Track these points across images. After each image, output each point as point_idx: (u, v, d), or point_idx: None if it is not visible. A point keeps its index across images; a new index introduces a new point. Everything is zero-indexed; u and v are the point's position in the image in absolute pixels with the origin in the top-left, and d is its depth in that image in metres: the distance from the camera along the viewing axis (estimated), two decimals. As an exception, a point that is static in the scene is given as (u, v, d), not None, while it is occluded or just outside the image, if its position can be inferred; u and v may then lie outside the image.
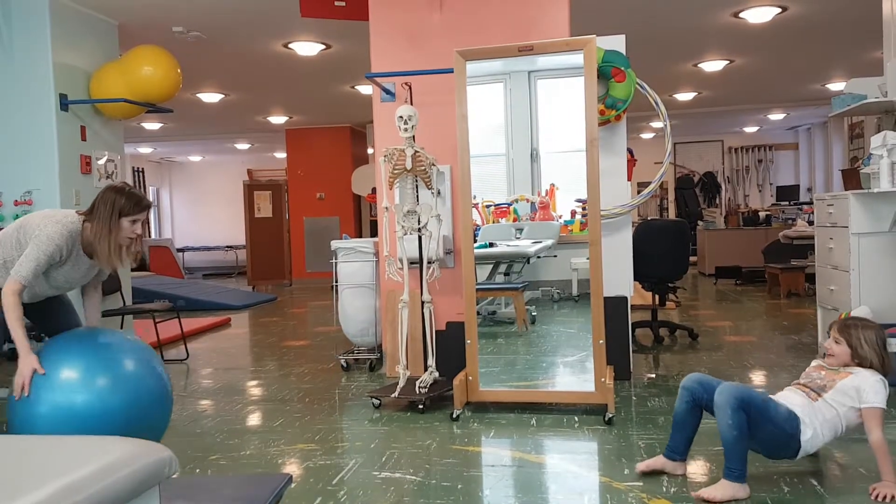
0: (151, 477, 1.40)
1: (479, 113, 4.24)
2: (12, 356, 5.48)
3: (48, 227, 3.11)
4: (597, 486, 2.93)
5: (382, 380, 4.96)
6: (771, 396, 2.83)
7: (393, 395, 4.13)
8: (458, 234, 4.43)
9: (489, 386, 4.13)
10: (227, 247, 16.60)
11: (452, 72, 4.07)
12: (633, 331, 5.58)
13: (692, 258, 10.86)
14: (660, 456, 3.00)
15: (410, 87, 4.79)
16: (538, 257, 4.84)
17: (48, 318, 3.45)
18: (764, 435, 2.75)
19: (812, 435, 2.75)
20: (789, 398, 2.84)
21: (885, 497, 2.62)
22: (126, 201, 3.17)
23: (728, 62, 8.58)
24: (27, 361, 2.99)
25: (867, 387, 2.74)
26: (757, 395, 2.77)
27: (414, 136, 4.16)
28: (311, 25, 6.47)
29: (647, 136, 14.59)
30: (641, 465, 3.00)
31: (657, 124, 12.64)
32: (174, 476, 1.47)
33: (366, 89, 9.10)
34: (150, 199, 3.38)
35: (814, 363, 2.99)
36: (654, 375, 4.86)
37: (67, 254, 3.16)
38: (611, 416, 3.74)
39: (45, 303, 3.41)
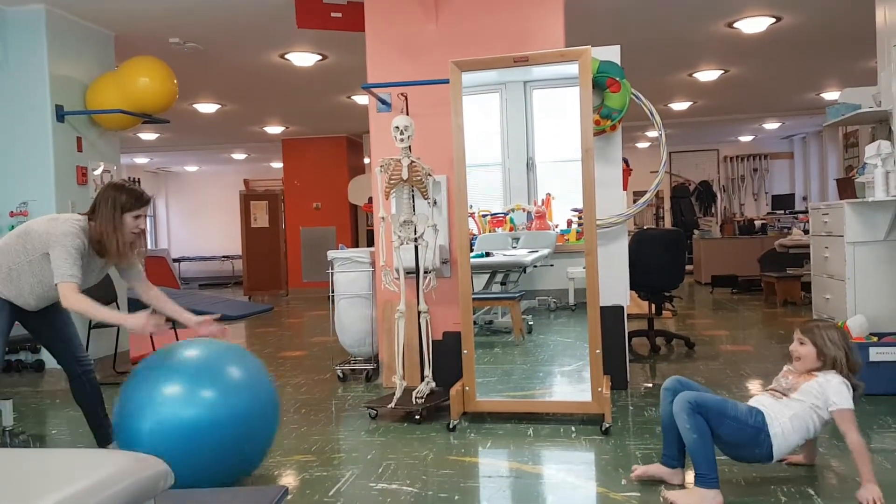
0: (147, 490, 1.39)
1: (475, 123, 4.25)
2: (7, 368, 5.47)
3: (60, 225, 3.16)
4: (594, 496, 2.92)
5: (379, 390, 4.95)
6: (731, 399, 2.86)
7: (389, 406, 4.12)
8: (455, 244, 4.43)
9: (486, 396, 4.13)
10: (224, 257, 16.58)
11: (448, 82, 4.09)
12: (630, 340, 5.58)
13: (688, 267, 10.90)
14: (657, 463, 3.00)
15: (406, 98, 4.80)
16: (534, 266, 4.84)
17: (46, 328, 3.45)
18: (728, 433, 2.76)
19: (781, 430, 2.76)
20: (758, 400, 2.88)
21: (872, 502, 2.63)
22: (126, 197, 3.23)
23: (723, 72, 8.61)
24: (133, 320, 3.08)
25: (830, 390, 2.76)
26: (711, 397, 2.81)
27: (410, 147, 4.17)
28: (307, 36, 6.48)
29: (642, 145, 14.63)
30: (638, 471, 3.02)
31: (652, 134, 12.68)
32: (169, 489, 1.47)
33: (362, 100, 9.12)
34: (150, 194, 3.40)
35: (784, 369, 3.00)
36: (651, 385, 4.86)
37: (84, 249, 3.19)
38: (608, 425, 3.73)
39: (45, 313, 3.41)
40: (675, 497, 2.76)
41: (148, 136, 11.78)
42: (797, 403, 2.80)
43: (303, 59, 7.21)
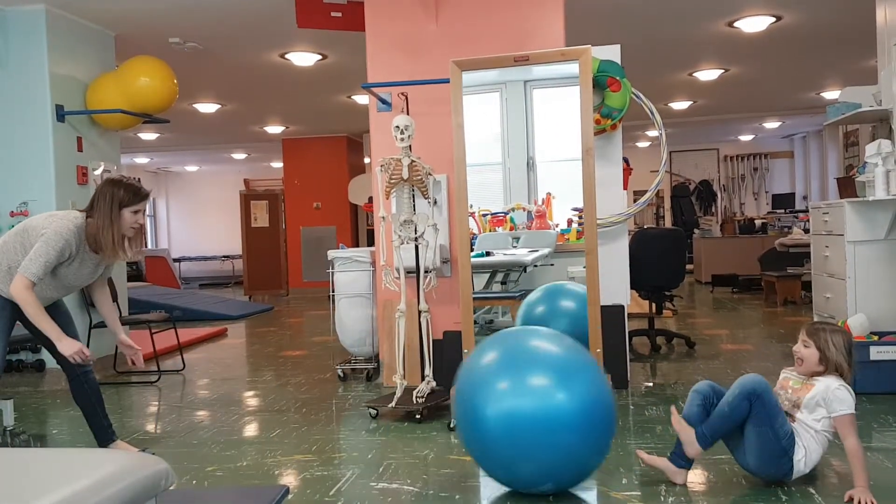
0: (148, 489, 1.39)
1: (476, 122, 4.25)
2: (8, 368, 5.47)
3: (55, 223, 3.15)
4: (594, 495, 2.92)
5: (380, 390, 4.95)
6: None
7: (390, 405, 4.12)
8: (455, 244, 4.43)
9: (486, 395, 4.12)
10: (224, 257, 16.58)
11: (448, 82, 4.09)
12: (630, 339, 5.58)
13: (689, 266, 10.90)
14: (665, 458, 2.98)
15: (407, 97, 4.80)
16: (535, 266, 4.84)
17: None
18: (759, 440, 2.77)
19: (803, 456, 2.79)
20: None
21: (860, 502, 2.64)
22: (125, 193, 3.23)
23: (723, 71, 8.61)
24: (67, 344, 3.14)
25: (831, 396, 2.76)
26: (773, 399, 2.81)
27: (410, 146, 4.17)
28: (307, 36, 6.48)
29: (642, 144, 14.63)
30: (644, 456, 3.02)
31: (653, 133, 12.68)
32: (171, 488, 1.47)
33: (362, 99, 9.12)
34: (148, 189, 3.41)
35: (781, 376, 3.00)
36: (651, 384, 4.86)
37: (76, 250, 3.19)
38: (608, 425, 3.73)
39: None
40: (682, 426, 2.88)
41: (148, 135, 11.78)
42: (807, 429, 2.80)
43: (303, 58, 7.21)
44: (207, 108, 9.58)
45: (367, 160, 13.08)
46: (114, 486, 1.30)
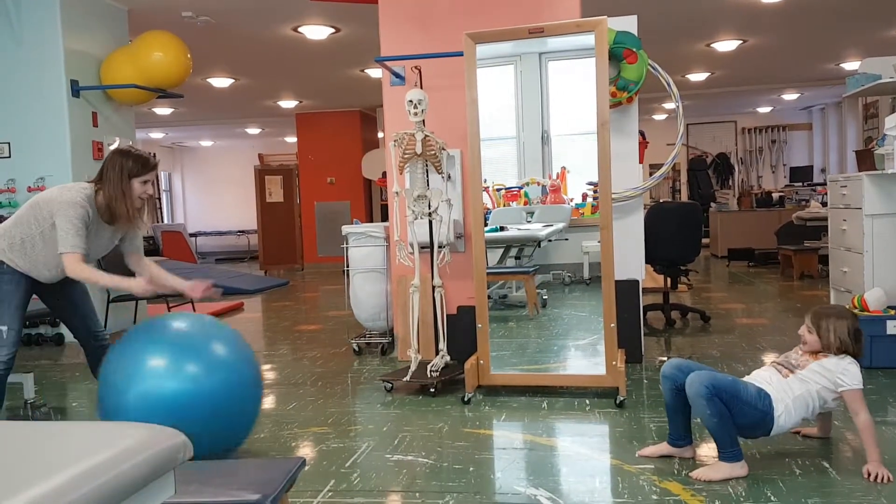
0: (166, 462, 1.41)
1: (490, 95, 4.22)
2: (27, 342, 5.55)
3: (65, 194, 3.17)
4: (608, 468, 2.94)
5: (394, 364, 4.98)
6: (741, 379, 2.83)
7: (405, 379, 4.15)
8: (469, 218, 4.43)
9: (500, 370, 4.14)
10: (239, 231, 16.65)
11: (462, 55, 4.05)
12: (645, 314, 5.57)
13: (704, 240, 10.83)
14: (664, 443, 3.00)
15: (420, 71, 4.77)
16: (549, 241, 4.83)
17: (64, 301, 3.49)
18: (739, 415, 2.76)
19: (784, 411, 2.75)
20: (761, 376, 2.86)
21: (877, 476, 2.64)
22: (133, 163, 3.23)
23: (741, 42, 8.49)
24: (137, 282, 3.24)
25: (840, 371, 2.74)
26: (725, 379, 2.79)
27: (424, 120, 4.15)
28: (320, 9, 6.44)
29: (659, 117, 14.49)
30: (645, 451, 3.01)
31: (669, 105, 12.54)
32: (189, 460, 1.49)
33: (376, 73, 9.08)
34: (156, 159, 3.41)
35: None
36: (665, 358, 4.86)
37: (90, 218, 3.21)
38: (622, 399, 3.74)
39: (61, 287, 3.44)
40: (704, 474, 2.76)
41: (163, 110, 11.79)
42: (802, 385, 2.77)
43: (316, 31, 7.17)
44: (221, 82, 9.56)
45: (380, 135, 13.04)
46: (132, 458, 1.32)
